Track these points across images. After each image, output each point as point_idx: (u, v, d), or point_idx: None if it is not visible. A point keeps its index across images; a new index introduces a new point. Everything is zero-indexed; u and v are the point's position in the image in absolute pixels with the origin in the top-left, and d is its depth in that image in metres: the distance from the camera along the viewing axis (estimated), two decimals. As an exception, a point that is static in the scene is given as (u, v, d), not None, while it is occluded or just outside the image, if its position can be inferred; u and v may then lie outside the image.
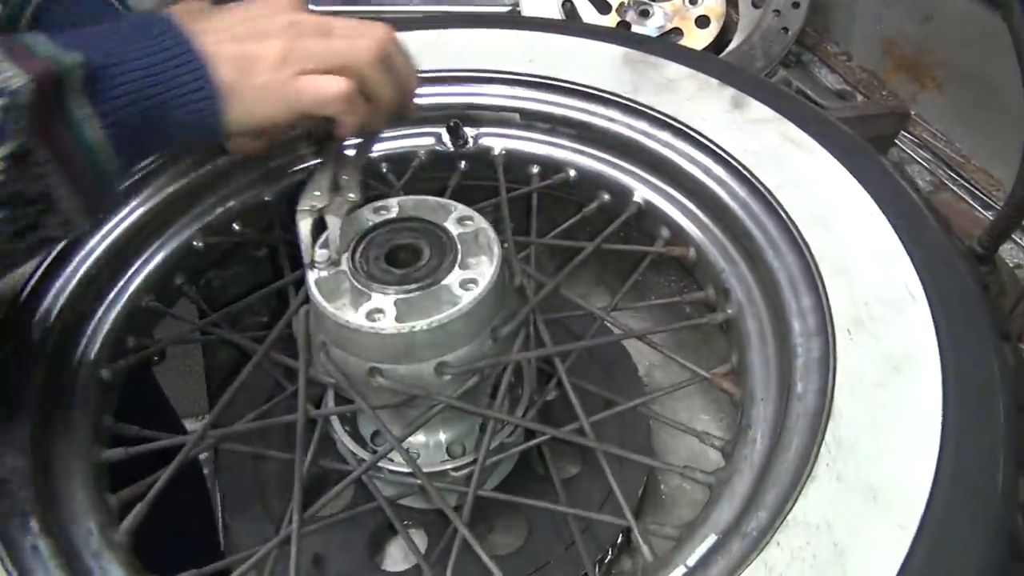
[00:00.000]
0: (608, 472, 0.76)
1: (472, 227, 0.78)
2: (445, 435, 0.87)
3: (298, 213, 0.75)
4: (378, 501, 0.80)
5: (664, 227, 0.95)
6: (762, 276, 0.83)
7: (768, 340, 0.80)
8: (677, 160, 0.93)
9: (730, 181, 0.88)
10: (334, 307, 0.72)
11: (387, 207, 0.81)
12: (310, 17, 0.71)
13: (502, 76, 1.03)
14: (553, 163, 1.03)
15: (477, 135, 1.05)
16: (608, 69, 1.01)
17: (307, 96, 0.68)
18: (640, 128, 0.96)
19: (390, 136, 1.05)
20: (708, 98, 0.95)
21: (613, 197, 1.00)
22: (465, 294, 0.72)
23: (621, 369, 0.98)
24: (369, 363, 0.73)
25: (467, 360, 0.74)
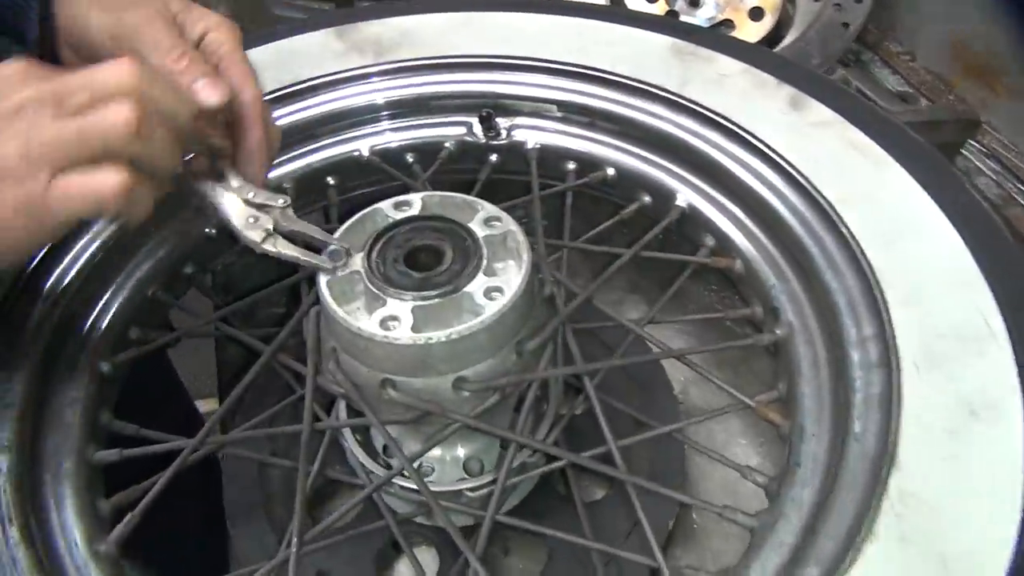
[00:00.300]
0: (638, 508, 0.69)
1: (500, 229, 0.71)
2: (463, 450, 0.81)
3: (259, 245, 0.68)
4: (386, 519, 0.74)
5: (709, 235, 0.88)
6: (817, 297, 0.75)
7: (822, 369, 0.72)
8: (726, 163, 0.86)
9: (785, 189, 0.81)
10: (346, 311, 0.66)
11: (409, 203, 0.74)
12: (30, 86, 0.54)
13: (540, 64, 0.96)
14: (591, 160, 0.95)
15: (510, 127, 0.98)
16: (655, 61, 0.94)
17: (75, 205, 0.54)
18: (687, 126, 0.89)
19: (417, 124, 0.99)
20: (764, 96, 0.87)
21: (654, 200, 0.92)
22: (489, 304, 0.66)
23: (655, 386, 0.91)
24: (382, 374, 0.67)
25: (488, 376, 0.68)
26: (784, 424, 0.72)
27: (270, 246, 0.67)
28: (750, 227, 0.85)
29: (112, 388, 0.80)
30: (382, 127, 0.98)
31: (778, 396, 0.75)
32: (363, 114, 0.97)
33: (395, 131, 0.98)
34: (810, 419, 0.70)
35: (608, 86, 0.93)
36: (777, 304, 0.79)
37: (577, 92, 0.95)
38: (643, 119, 0.91)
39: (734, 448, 0.96)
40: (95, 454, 0.73)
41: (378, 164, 0.97)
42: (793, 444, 0.69)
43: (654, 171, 0.92)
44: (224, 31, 0.69)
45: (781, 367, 0.77)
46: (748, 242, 0.84)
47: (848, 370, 0.68)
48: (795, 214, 0.79)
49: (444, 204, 0.74)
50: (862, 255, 0.72)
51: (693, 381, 1.01)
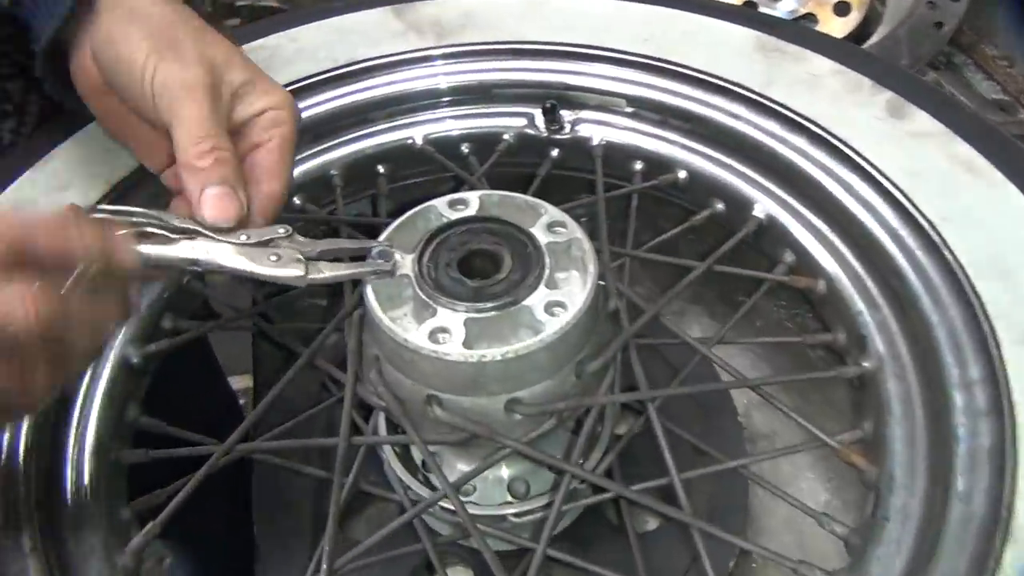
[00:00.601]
0: (703, 553, 0.63)
1: (564, 236, 0.65)
2: (508, 471, 0.75)
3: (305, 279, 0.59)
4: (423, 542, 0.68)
5: (788, 250, 0.80)
6: (913, 329, 0.68)
7: (916, 411, 0.64)
8: (813, 172, 0.78)
9: (879, 205, 0.73)
10: (391, 319, 0.60)
11: (465, 202, 0.68)
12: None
13: (610, 54, 0.89)
14: (661, 161, 0.88)
15: (575, 120, 0.91)
16: (737, 56, 0.86)
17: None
18: (770, 129, 0.81)
19: (476, 113, 0.93)
20: (858, 101, 0.79)
21: (729, 208, 0.85)
22: (550, 320, 0.59)
23: (719, 411, 0.84)
24: (427, 390, 0.61)
25: (544, 398, 0.61)
26: (870, 470, 0.64)
27: (316, 274, 0.59)
28: (836, 244, 0.77)
29: (141, 381, 0.75)
30: (439, 115, 0.92)
31: (862, 436, 0.68)
32: (421, 99, 0.91)
33: (452, 119, 0.92)
34: (901, 467, 0.62)
35: (684, 81, 0.86)
36: (864, 332, 0.71)
37: (649, 86, 0.87)
38: (721, 119, 0.84)
39: (800, 483, 0.88)
40: (120, 453, 0.69)
41: (431, 154, 0.91)
42: (880, 494, 0.62)
43: (730, 177, 0.84)
44: (286, 111, 0.62)
45: (867, 404, 0.69)
46: (833, 261, 0.76)
47: (949, 416, 0.60)
48: (889, 233, 0.71)
49: (504, 204, 0.68)
50: (969, 285, 0.64)
51: (757, 405, 0.93)
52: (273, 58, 0.89)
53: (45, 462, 0.64)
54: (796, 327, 0.97)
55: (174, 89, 0.58)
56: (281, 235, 0.58)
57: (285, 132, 0.61)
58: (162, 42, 0.59)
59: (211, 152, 0.56)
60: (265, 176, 0.60)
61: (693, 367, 0.82)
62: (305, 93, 0.88)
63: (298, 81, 0.87)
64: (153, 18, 0.61)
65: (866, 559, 0.58)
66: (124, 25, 0.61)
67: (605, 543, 0.77)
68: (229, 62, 0.61)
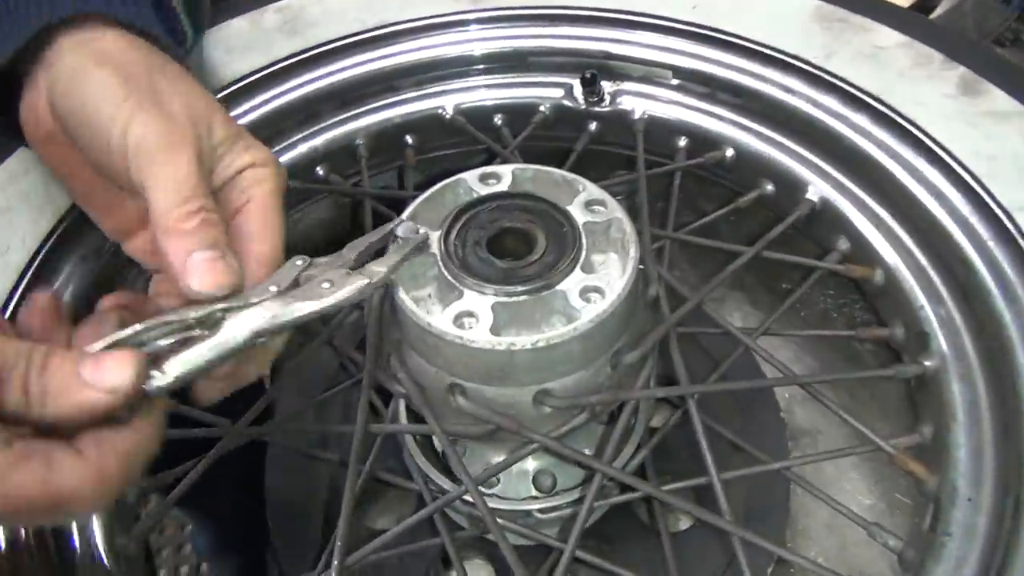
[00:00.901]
0: (743, 562, 0.58)
1: (604, 215, 0.60)
2: (534, 463, 0.70)
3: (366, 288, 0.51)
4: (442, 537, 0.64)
5: (842, 237, 0.75)
6: (982, 326, 0.62)
7: (984, 417, 0.59)
8: (874, 153, 0.72)
9: (947, 190, 0.67)
10: (414, 299, 0.56)
11: (497, 176, 0.63)
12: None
13: (655, 22, 0.83)
14: (707, 137, 0.82)
15: (616, 92, 0.85)
16: (794, 25, 0.80)
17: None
18: (828, 106, 0.75)
19: (511, 82, 0.87)
20: (928, 77, 0.72)
21: (779, 189, 0.79)
22: (585, 307, 0.54)
23: (761, 406, 0.79)
24: (451, 378, 0.56)
25: (576, 391, 0.57)
26: (930, 479, 0.59)
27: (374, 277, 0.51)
28: (896, 232, 0.71)
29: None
30: (471, 83, 0.87)
31: (920, 442, 0.63)
32: (453, 66, 0.86)
33: (485, 88, 0.87)
34: (966, 479, 0.57)
35: (735, 52, 0.80)
36: (926, 329, 0.66)
37: (697, 57, 0.82)
38: (774, 94, 0.78)
39: (843, 483, 0.83)
40: (127, 431, 0.66)
41: (462, 125, 0.86)
42: (941, 506, 0.57)
43: (782, 156, 0.79)
44: (266, 168, 0.53)
45: (927, 406, 0.64)
46: (893, 250, 0.71)
47: (1022, 422, 0.55)
48: (958, 221, 0.66)
49: (538, 180, 0.63)
50: (1048, 280, 0.58)
51: (800, 400, 0.88)
52: (297, 20, 0.85)
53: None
54: (844, 319, 0.91)
55: (154, 146, 0.49)
56: (301, 267, 0.51)
57: (267, 189, 0.53)
58: (140, 91, 0.51)
59: (197, 213, 0.48)
60: (252, 239, 0.51)
61: (735, 359, 0.77)
62: (331, 57, 0.84)
63: (323, 45, 0.83)
64: (128, 63, 0.52)
65: (925, 577, 0.53)
66: (93, 68, 0.52)
67: (634, 542, 0.72)
68: (211, 116, 0.53)
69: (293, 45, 0.83)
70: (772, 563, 0.70)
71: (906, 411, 0.71)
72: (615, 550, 0.72)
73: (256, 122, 0.81)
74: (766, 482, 0.73)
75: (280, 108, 0.82)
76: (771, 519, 0.73)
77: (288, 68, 0.82)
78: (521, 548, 0.68)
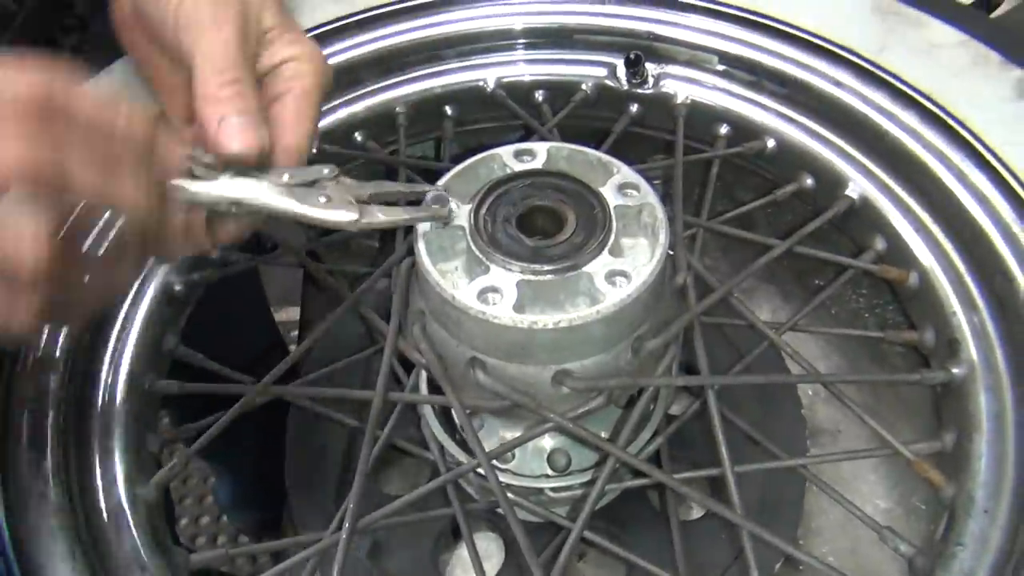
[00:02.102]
0: (750, 556, 0.58)
1: (636, 199, 0.59)
2: (550, 441, 0.70)
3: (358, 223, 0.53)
4: (454, 508, 0.65)
5: (880, 236, 0.73)
6: (1014, 336, 0.61)
7: (1008, 430, 0.58)
8: (920, 153, 0.70)
9: (994, 197, 0.65)
10: (440, 272, 0.56)
11: (532, 153, 0.63)
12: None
13: (704, 5, 0.82)
14: (749, 126, 0.81)
15: (659, 75, 0.84)
16: (848, 16, 0.78)
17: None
18: (877, 102, 0.73)
19: (554, 59, 0.87)
20: (984, 77, 0.70)
21: (818, 183, 0.78)
22: (611, 290, 0.54)
23: (782, 400, 0.78)
24: (472, 352, 0.57)
25: (595, 373, 0.57)
26: (946, 487, 0.58)
27: (370, 218, 0.54)
28: (936, 235, 0.69)
29: (181, 310, 0.73)
30: (514, 57, 0.86)
31: (941, 449, 0.62)
32: (494, 39, 0.85)
33: (528, 63, 0.87)
34: (984, 490, 0.56)
35: (785, 40, 0.78)
36: (958, 336, 0.64)
37: (746, 43, 0.80)
38: (822, 86, 0.76)
39: (860, 485, 0.82)
40: (154, 382, 0.67)
41: (503, 99, 0.86)
42: (956, 517, 0.56)
43: (824, 149, 0.77)
44: (309, 64, 0.56)
45: (951, 414, 0.63)
46: (930, 253, 0.69)
47: (1048, 440, 0.54)
48: (1002, 229, 0.64)
49: (573, 159, 0.63)
50: (1089, 295, 0.57)
51: (824, 398, 0.87)
52: (346, -17, 0.85)
53: (77, 386, 0.62)
54: (875, 319, 0.90)
55: (201, 19, 0.53)
56: (327, 176, 0.53)
57: (307, 84, 0.55)
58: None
59: (233, 84, 0.51)
60: (283, 129, 0.54)
61: (760, 353, 0.76)
62: (376, 23, 0.84)
63: (369, 10, 0.82)
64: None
65: (933, 587, 0.52)
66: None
67: (644, 527, 0.72)
68: (263, 4, 0.56)
69: (339, 9, 0.83)
70: (781, 560, 0.70)
71: (931, 416, 0.70)
72: (625, 534, 0.72)
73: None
74: (781, 478, 0.72)
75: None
76: (783, 516, 0.73)
77: (332, 32, 0.82)
78: (531, 525, 0.68)
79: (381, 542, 0.74)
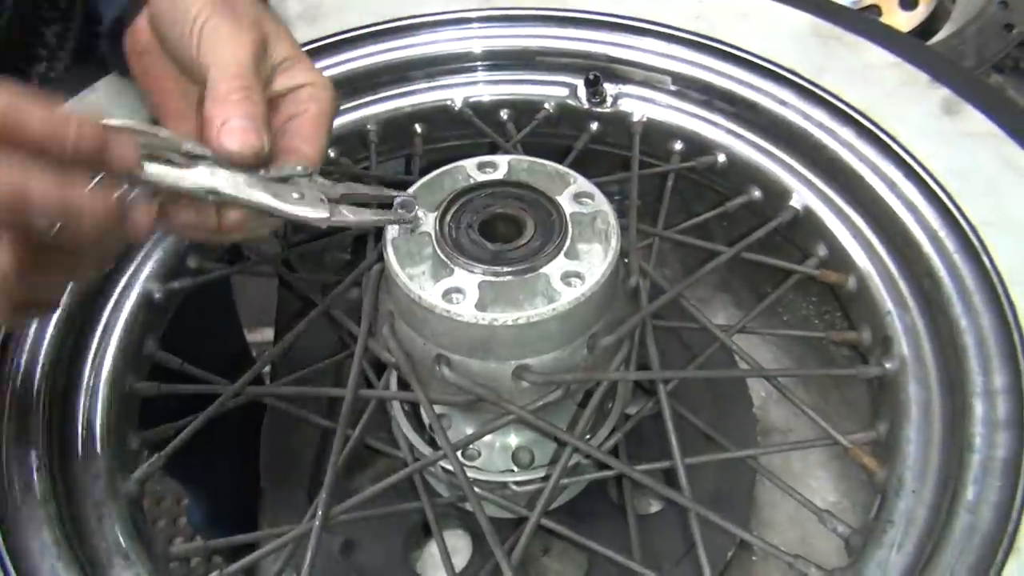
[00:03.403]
0: (699, 540, 0.62)
1: (590, 207, 0.64)
2: (515, 439, 0.74)
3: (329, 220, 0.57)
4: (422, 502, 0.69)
5: (821, 243, 0.78)
6: (940, 333, 0.66)
7: (935, 417, 0.63)
8: (856, 166, 0.76)
9: (921, 204, 0.71)
10: (408, 275, 0.60)
11: (494, 165, 0.67)
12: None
13: (658, 29, 0.87)
14: (701, 142, 0.86)
15: (617, 95, 0.89)
16: (790, 40, 0.83)
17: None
18: (817, 119, 0.79)
19: (518, 79, 0.92)
20: (913, 96, 0.76)
21: (765, 195, 0.83)
22: (566, 290, 0.58)
23: (733, 399, 0.83)
24: (437, 349, 0.61)
25: (553, 369, 0.61)
26: (879, 472, 0.63)
27: (339, 217, 0.57)
28: (872, 241, 0.74)
29: (161, 316, 0.76)
30: (479, 78, 0.91)
31: (876, 438, 0.66)
32: (463, 61, 0.90)
33: (493, 84, 0.91)
34: (912, 472, 0.61)
35: (733, 62, 0.84)
36: (890, 333, 0.69)
37: (696, 65, 0.86)
38: (767, 104, 0.81)
39: (809, 480, 0.87)
40: (134, 384, 0.70)
41: (469, 117, 0.90)
42: (887, 497, 0.60)
43: (770, 164, 0.82)
44: (325, 91, 0.61)
45: (885, 406, 0.67)
46: (866, 258, 0.74)
47: (967, 424, 0.59)
48: (928, 233, 0.69)
49: (532, 171, 0.67)
50: (1004, 293, 0.62)
51: (776, 399, 0.92)
52: (322, 5, 0.89)
53: (61, 385, 0.65)
54: (824, 324, 0.95)
55: (221, 34, 0.57)
56: (300, 172, 0.56)
57: (323, 107, 0.60)
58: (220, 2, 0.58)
59: (243, 90, 0.55)
60: (300, 141, 0.58)
61: (712, 356, 0.80)
62: (347, 46, 0.88)
63: (340, 33, 0.87)
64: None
65: (864, 560, 0.57)
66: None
67: (604, 521, 0.76)
68: (278, 35, 0.61)
69: (312, 32, 0.87)
70: (733, 548, 0.74)
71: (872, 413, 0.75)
72: (585, 527, 0.75)
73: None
74: (732, 473, 0.77)
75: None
76: (735, 508, 0.77)
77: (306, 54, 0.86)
78: (499, 522, 0.72)
79: (353, 540, 0.77)
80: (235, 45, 0.57)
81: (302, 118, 0.59)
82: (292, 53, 0.61)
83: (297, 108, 0.60)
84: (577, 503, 0.77)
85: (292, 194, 0.55)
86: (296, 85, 0.60)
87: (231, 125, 0.53)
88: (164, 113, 0.65)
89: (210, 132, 0.53)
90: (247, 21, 0.58)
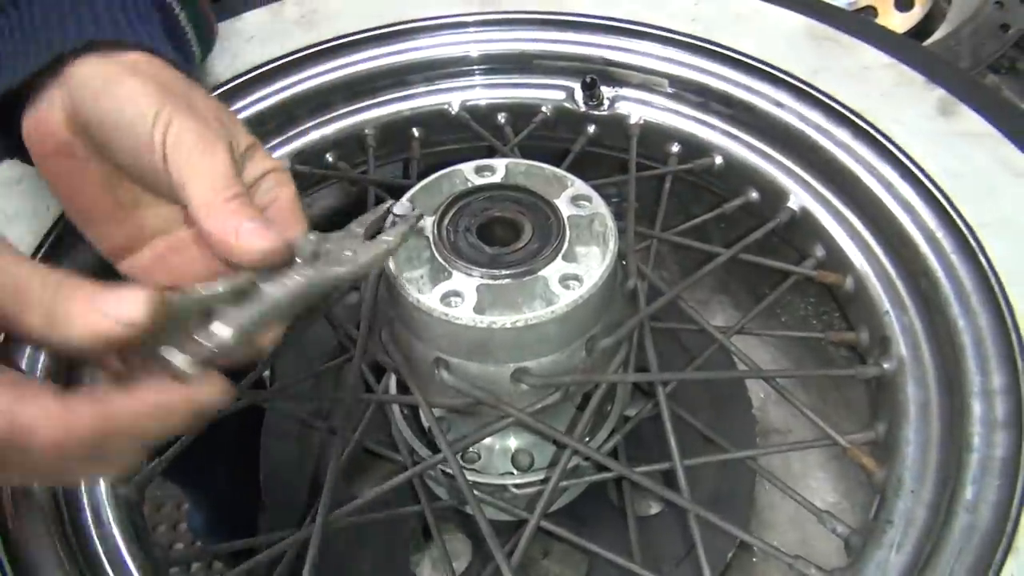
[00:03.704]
0: (698, 541, 0.62)
1: (588, 210, 0.64)
2: (514, 442, 0.75)
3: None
4: (422, 505, 0.69)
5: (819, 244, 0.78)
6: (939, 333, 0.66)
7: (933, 417, 0.63)
8: (853, 167, 0.76)
9: (918, 204, 0.71)
10: (407, 279, 0.60)
11: (492, 168, 0.67)
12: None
13: (655, 32, 0.87)
14: (698, 144, 0.86)
15: (614, 97, 0.89)
16: (786, 42, 0.84)
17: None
18: (813, 120, 0.79)
19: (515, 83, 0.92)
20: (908, 96, 0.76)
21: (763, 197, 0.83)
22: (564, 292, 0.59)
23: (732, 400, 0.83)
24: (436, 353, 0.61)
25: (552, 371, 0.61)
26: (878, 472, 0.63)
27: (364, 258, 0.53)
28: (869, 242, 0.75)
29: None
30: (477, 82, 0.91)
31: (875, 438, 0.66)
32: (454, 66, 0.90)
33: (490, 88, 0.91)
34: (911, 472, 0.61)
35: (729, 64, 0.84)
36: (888, 334, 0.69)
37: (693, 67, 0.86)
38: (763, 106, 0.82)
39: (809, 481, 0.87)
40: (134, 389, 0.70)
41: (467, 121, 0.91)
42: (886, 497, 0.60)
43: (767, 165, 0.83)
44: (284, 174, 0.57)
45: (883, 406, 0.67)
46: (864, 259, 0.74)
47: (966, 424, 0.59)
48: (925, 233, 0.69)
49: (530, 174, 0.67)
50: (1001, 293, 0.62)
51: (775, 400, 0.92)
52: (316, 12, 0.89)
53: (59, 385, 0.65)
54: (822, 325, 0.95)
55: (192, 143, 0.52)
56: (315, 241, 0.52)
57: (292, 189, 0.57)
58: (175, 98, 0.54)
59: (237, 197, 0.51)
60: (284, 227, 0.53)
61: (711, 357, 0.81)
62: (345, 51, 0.88)
63: (338, 38, 0.87)
64: (157, 75, 0.55)
65: (864, 560, 0.57)
66: (127, 77, 0.54)
67: (604, 523, 0.76)
68: (235, 126, 0.57)
69: (309, 37, 0.87)
70: (733, 549, 0.74)
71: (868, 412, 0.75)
72: (585, 529, 0.75)
73: (270, 109, 0.85)
74: (732, 474, 0.77)
75: (294, 97, 0.86)
76: (735, 509, 0.77)
77: (303, 59, 0.86)
78: (499, 525, 0.72)
79: (354, 544, 0.78)
80: (212, 154, 0.52)
81: (278, 205, 0.56)
82: (249, 141, 0.57)
83: (269, 196, 0.56)
84: (577, 505, 0.77)
85: (345, 253, 0.53)
86: (261, 173, 0.56)
87: (247, 230, 0.50)
88: (87, 220, 0.58)
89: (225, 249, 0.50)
90: (213, 122, 0.54)
